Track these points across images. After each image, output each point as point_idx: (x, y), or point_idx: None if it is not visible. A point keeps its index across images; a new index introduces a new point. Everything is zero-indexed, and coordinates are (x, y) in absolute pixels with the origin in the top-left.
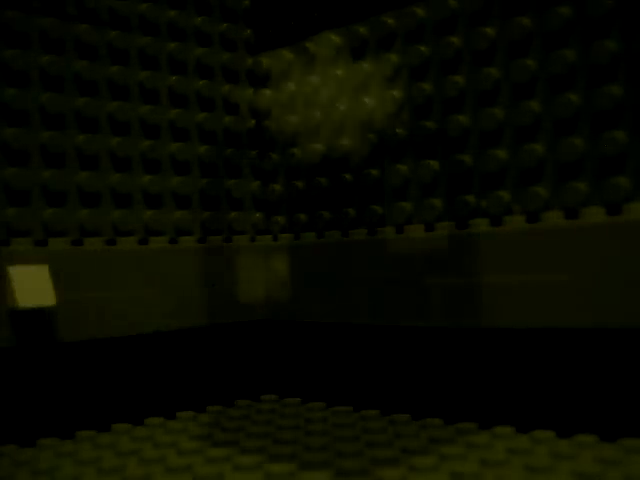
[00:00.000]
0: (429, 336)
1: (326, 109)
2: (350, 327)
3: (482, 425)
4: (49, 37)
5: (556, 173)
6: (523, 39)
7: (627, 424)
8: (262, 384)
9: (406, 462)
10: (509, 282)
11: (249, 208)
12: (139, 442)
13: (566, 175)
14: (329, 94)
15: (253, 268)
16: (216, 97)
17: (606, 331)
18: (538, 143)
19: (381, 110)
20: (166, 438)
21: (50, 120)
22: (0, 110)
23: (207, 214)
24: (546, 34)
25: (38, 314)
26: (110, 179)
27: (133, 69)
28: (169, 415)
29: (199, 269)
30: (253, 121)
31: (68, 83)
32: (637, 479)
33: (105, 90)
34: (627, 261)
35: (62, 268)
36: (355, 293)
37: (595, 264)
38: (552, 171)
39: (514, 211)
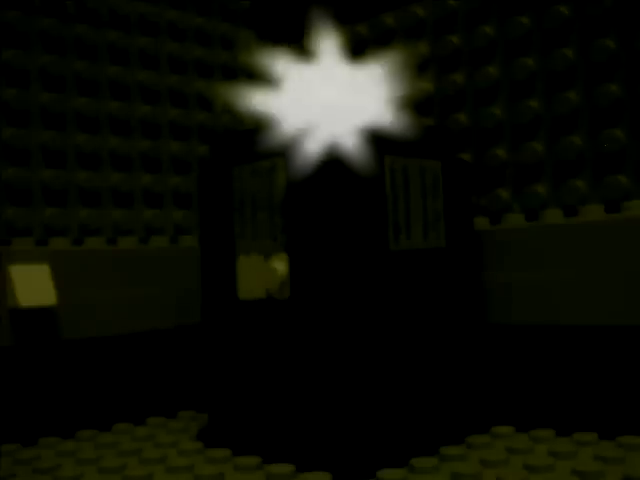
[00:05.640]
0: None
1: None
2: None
3: (481, 425)
4: (49, 37)
5: (555, 171)
6: (522, 38)
7: (626, 422)
8: None
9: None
10: (509, 280)
11: None
12: (140, 442)
13: (565, 173)
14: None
15: (253, 267)
16: (216, 97)
17: (605, 329)
18: (538, 141)
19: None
20: (167, 438)
21: (50, 120)
22: (0, 110)
23: None
24: (545, 33)
25: (39, 313)
26: (110, 178)
27: (133, 69)
28: (170, 414)
29: (199, 268)
30: (253, 121)
31: (68, 83)
32: (637, 477)
33: (105, 90)
34: (626, 258)
35: (63, 267)
36: None
37: (593, 262)
38: (551, 169)
39: (513, 209)
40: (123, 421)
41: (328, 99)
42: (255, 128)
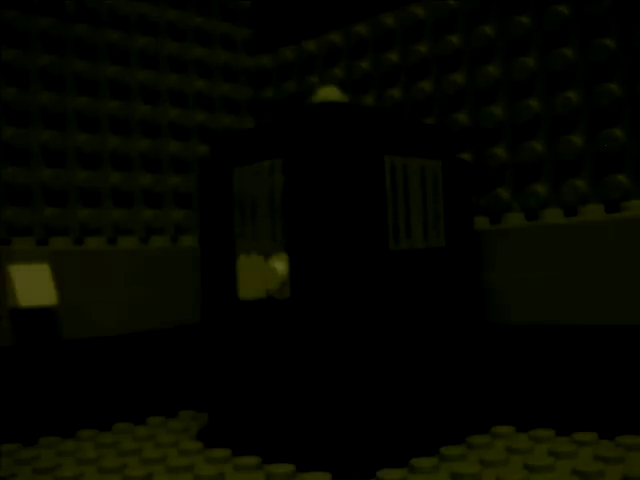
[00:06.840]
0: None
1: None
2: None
3: (481, 425)
4: (49, 37)
5: (555, 171)
6: (522, 37)
7: (626, 422)
8: None
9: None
10: (509, 279)
11: None
12: (140, 441)
13: (565, 173)
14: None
15: (253, 267)
16: (216, 97)
17: (605, 329)
18: (538, 140)
19: (381, 108)
20: (167, 438)
21: (50, 120)
22: (0, 110)
23: None
24: (545, 33)
25: (39, 313)
26: (110, 178)
27: (133, 69)
28: (170, 414)
29: (199, 268)
30: (253, 121)
31: (68, 83)
32: (636, 477)
33: (105, 90)
34: (626, 258)
35: (63, 267)
36: None
37: (593, 261)
38: (551, 169)
39: (513, 209)
40: (123, 421)
41: (328, 98)
42: (255, 128)
